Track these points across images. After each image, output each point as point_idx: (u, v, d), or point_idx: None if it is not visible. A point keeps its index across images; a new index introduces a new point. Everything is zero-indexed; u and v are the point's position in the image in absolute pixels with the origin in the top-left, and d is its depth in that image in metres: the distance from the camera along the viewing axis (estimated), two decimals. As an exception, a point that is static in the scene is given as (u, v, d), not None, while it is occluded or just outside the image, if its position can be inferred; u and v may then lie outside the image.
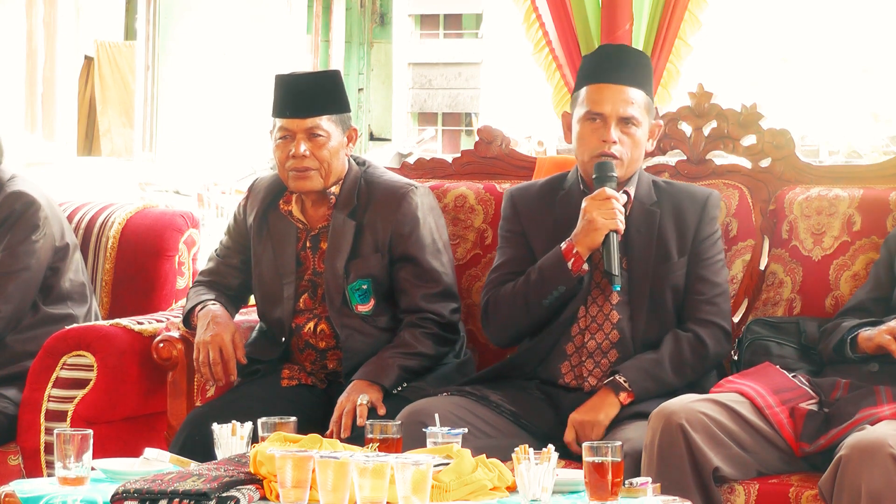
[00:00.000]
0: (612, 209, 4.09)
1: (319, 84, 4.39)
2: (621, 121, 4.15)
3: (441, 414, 3.87)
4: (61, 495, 3.41)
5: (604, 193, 4.10)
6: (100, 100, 15.43)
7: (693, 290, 4.19)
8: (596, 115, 4.16)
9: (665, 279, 4.18)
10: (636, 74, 4.20)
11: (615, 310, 4.19)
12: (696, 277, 4.20)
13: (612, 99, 4.15)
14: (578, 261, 4.12)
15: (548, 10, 5.25)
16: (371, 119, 19.16)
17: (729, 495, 3.82)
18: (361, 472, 3.18)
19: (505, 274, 4.27)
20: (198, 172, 13.90)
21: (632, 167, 4.21)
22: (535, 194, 4.33)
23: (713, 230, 4.25)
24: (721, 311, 4.19)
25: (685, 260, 4.20)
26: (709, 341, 4.14)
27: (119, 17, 16.27)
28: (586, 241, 4.10)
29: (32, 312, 4.64)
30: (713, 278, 4.20)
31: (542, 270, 4.16)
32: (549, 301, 4.15)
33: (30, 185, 4.67)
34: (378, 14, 19.26)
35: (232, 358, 4.36)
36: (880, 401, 3.83)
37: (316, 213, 4.44)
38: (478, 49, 19.28)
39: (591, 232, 4.09)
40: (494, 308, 4.25)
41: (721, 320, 4.18)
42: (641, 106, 4.18)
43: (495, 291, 4.25)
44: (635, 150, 4.18)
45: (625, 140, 4.16)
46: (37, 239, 4.59)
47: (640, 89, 4.19)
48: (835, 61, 17.38)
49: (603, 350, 4.18)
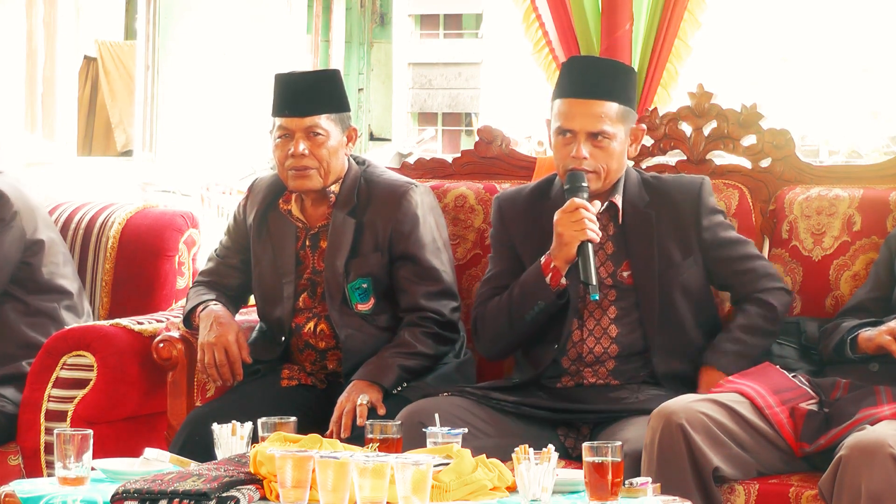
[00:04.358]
0: (580, 220, 4.08)
1: (319, 83, 4.39)
2: (591, 136, 4.15)
3: (441, 414, 3.87)
4: (61, 495, 3.41)
5: (573, 204, 4.10)
6: (108, 95, 15.45)
7: (736, 270, 4.21)
8: (566, 131, 4.17)
9: (672, 282, 4.17)
10: (607, 86, 4.17)
11: (614, 324, 4.19)
12: (729, 261, 4.22)
13: (580, 114, 4.15)
14: (556, 275, 4.13)
15: (547, 9, 5.25)
16: (371, 119, 19.15)
17: (729, 495, 3.82)
18: (361, 472, 3.18)
19: (493, 288, 4.28)
20: (198, 172, 13.88)
21: (611, 178, 4.20)
22: (523, 202, 4.32)
23: (715, 215, 4.24)
24: (765, 274, 4.21)
25: (694, 259, 4.19)
26: (775, 302, 4.18)
27: (119, 16, 16.27)
28: (561, 255, 4.11)
29: (17, 305, 4.65)
30: (748, 251, 4.23)
31: (523, 286, 4.18)
32: (530, 316, 4.16)
33: (5, 181, 4.67)
34: (378, 14, 19.25)
35: (238, 359, 4.36)
36: (880, 401, 3.83)
37: (315, 212, 4.44)
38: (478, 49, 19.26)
39: (563, 246, 4.10)
40: (482, 324, 4.27)
41: (771, 282, 4.21)
42: (613, 118, 4.15)
43: (483, 307, 4.27)
44: (611, 161, 4.17)
45: (598, 154, 4.15)
46: (1, 232, 4.60)
47: (613, 101, 4.16)
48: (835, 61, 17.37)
49: (601, 361, 4.19)
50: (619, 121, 4.17)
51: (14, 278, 4.65)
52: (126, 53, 15.53)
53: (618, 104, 4.16)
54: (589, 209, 4.10)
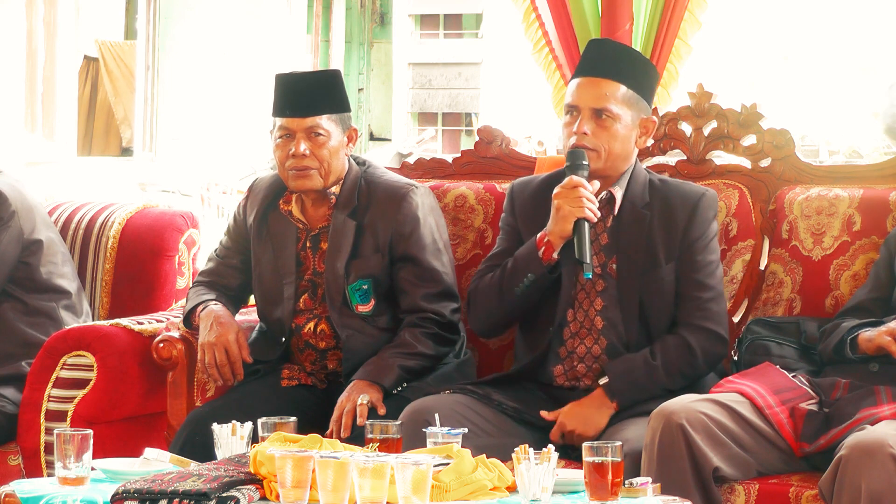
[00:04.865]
0: (579, 197, 4.08)
1: (319, 83, 4.39)
2: (594, 112, 4.15)
3: (442, 412, 3.87)
4: (61, 495, 3.41)
5: (572, 182, 4.11)
6: (111, 94, 15.48)
7: (684, 294, 4.16)
8: (572, 108, 4.18)
9: (653, 286, 4.16)
10: (617, 68, 4.18)
11: (599, 316, 4.18)
12: (686, 281, 4.17)
13: (585, 91, 4.17)
14: (549, 249, 4.12)
15: (547, 9, 5.25)
16: (371, 119, 19.15)
17: (729, 495, 3.82)
18: (361, 472, 3.18)
19: (492, 265, 4.29)
20: (198, 172, 13.88)
21: (613, 162, 4.19)
22: (534, 189, 4.33)
23: (704, 231, 4.20)
24: (712, 314, 4.14)
25: (673, 265, 4.18)
26: (697, 348, 4.11)
27: (119, 16, 16.28)
28: (556, 230, 4.11)
29: (16, 304, 4.65)
30: (705, 280, 4.17)
31: (517, 259, 4.19)
32: (520, 290, 4.15)
33: (4, 181, 4.67)
34: (378, 14, 19.24)
35: (238, 359, 4.37)
36: (880, 401, 3.83)
37: (316, 212, 4.44)
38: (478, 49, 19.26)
39: (560, 220, 4.10)
40: (475, 296, 4.28)
41: (712, 325, 4.14)
42: (619, 99, 4.16)
43: (478, 281, 4.28)
44: (614, 142, 4.16)
45: (600, 133, 4.15)
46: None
47: (622, 83, 4.16)
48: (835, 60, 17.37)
49: (593, 355, 4.19)
50: (626, 104, 4.17)
51: (12, 278, 4.66)
52: (126, 53, 15.54)
53: (626, 87, 4.17)
54: (587, 188, 4.10)
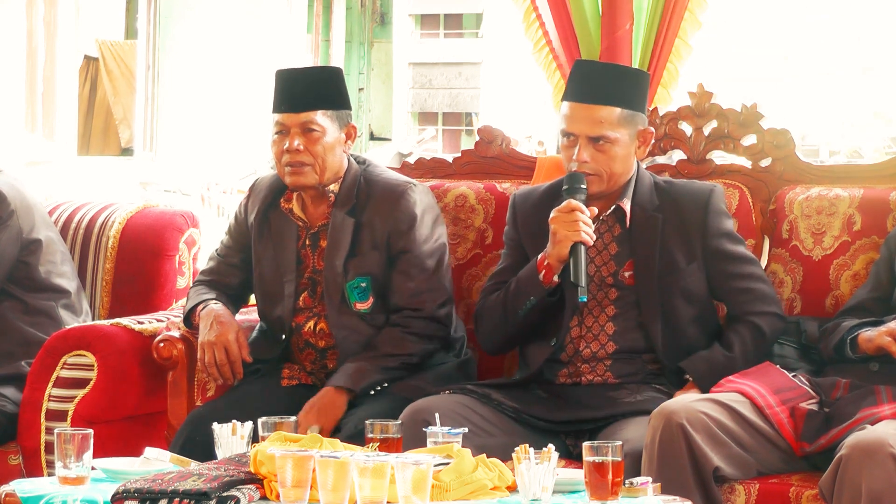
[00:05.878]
0: (575, 221, 4.09)
1: (316, 79, 4.39)
2: (592, 140, 4.17)
3: (442, 412, 3.87)
4: (61, 495, 3.41)
5: (569, 206, 4.12)
6: (111, 94, 15.48)
7: (732, 287, 4.21)
8: (569, 134, 4.19)
9: (674, 288, 4.18)
10: (607, 91, 4.19)
11: (611, 321, 4.19)
12: (728, 276, 4.21)
13: (581, 119, 4.18)
14: (549, 272, 4.14)
15: (548, 9, 5.25)
16: (371, 118, 19.16)
17: (729, 495, 3.82)
18: (361, 471, 3.18)
19: (498, 283, 4.31)
20: (198, 172, 13.88)
21: (615, 181, 4.21)
22: (535, 201, 4.34)
23: (722, 224, 4.23)
24: (770, 298, 4.20)
25: (697, 265, 4.19)
26: (768, 331, 4.17)
27: (119, 16, 16.28)
28: (554, 253, 4.13)
29: (15, 303, 4.65)
30: (748, 269, 4.22)
31: (519, 281, 4.21)
32: (523, 312, 4.19)
33: (3, 180, 4.67)
34: (378, 14, 19.26)
35: (238, 358, 4.37)
36: (880, 400, 3.83)
37: (316, 210, 4.44)
38: (478, 49, 19.28)
39: (556, 244, 4.12)
40: (481, 317, 4.31)
41: (775, 307, 4.20)
42: (614, 122, 4.17)
43: (484, 300, 4.31)
44: (613, 164, 4.18)
45: (599, 157, 4.17)
46: None
47: (615, 105, 4.17)
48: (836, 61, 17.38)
49: (598, 357, 4.19)
50: (622, 125, 4.17)
51: (12, 277, 4.66)
52: (127, 53, 15.54)
53: (621, 108, 4.17)
54: (584, 212, 4.11)
